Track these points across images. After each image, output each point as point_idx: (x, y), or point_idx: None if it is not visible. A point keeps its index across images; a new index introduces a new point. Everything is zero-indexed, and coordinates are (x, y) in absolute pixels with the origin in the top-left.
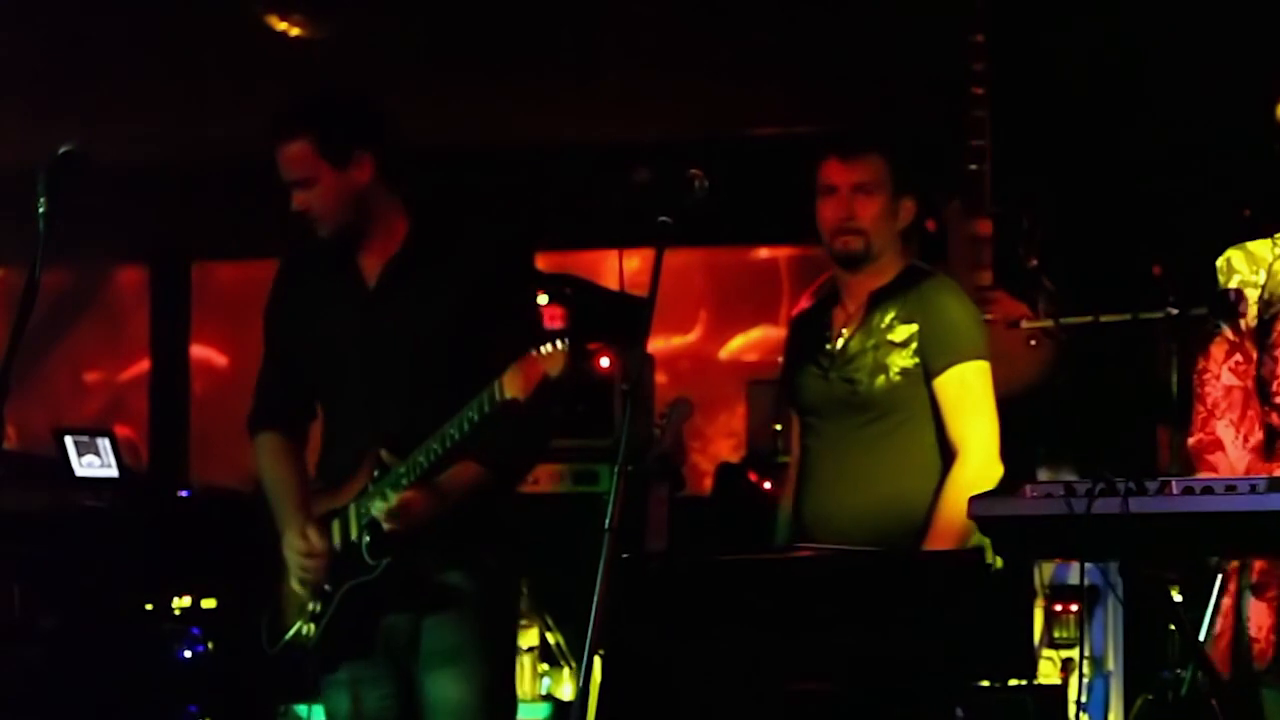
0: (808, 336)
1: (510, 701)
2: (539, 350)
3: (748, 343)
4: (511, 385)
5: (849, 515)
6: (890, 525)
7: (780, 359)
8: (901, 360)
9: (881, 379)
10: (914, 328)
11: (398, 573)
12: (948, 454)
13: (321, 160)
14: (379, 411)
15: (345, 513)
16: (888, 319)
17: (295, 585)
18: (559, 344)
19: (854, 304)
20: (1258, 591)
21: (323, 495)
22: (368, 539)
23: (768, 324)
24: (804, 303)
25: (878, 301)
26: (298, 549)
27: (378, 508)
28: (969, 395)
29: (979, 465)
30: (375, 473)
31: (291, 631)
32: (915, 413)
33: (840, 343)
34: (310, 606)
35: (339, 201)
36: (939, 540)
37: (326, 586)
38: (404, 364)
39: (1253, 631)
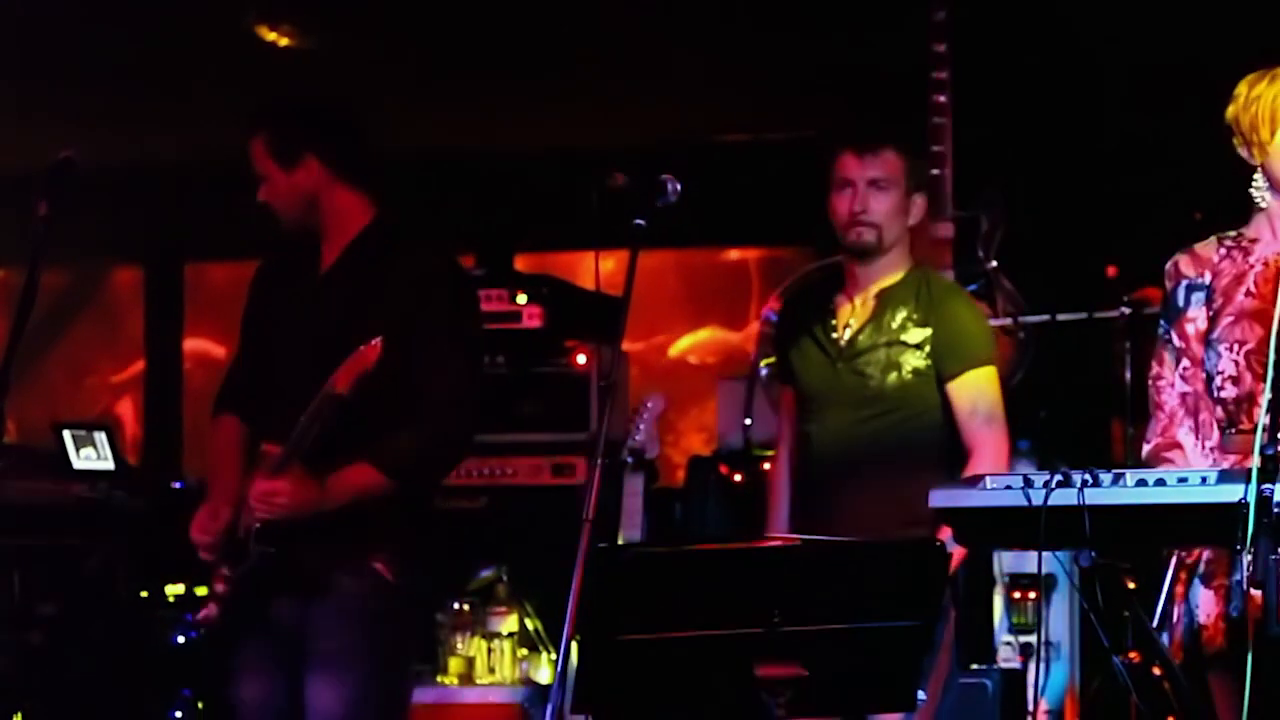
0: (808, 320)
1: (389, 711)
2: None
3: (719, 340)
4: (339, 382)
5: (852, 507)
6: (892, 521)
7: (752, 356)
8: (915, 360)
9: (894, 376)
10: (928, 331)
11: (281, 564)
12: (953, 456)
13: (271, 159)
14: (300, 399)
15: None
16: (899, 319)
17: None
18: (375, 341)
19: (861, 297)
20: (1206, 580)
21: (250, 474)
22: (258, 526)
23: (739, 323)
24: (772, 304)
25: (889, 299)
26: (203, 530)
27: (249, 491)
28: (982, 399)
29: (990, 467)
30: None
31: (200, 613)
32: (923, 411)
33: (848, 334)
34: (214, 587)
35: (288, 199)
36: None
37: (225, 569)
38: (336, 355)
39: (1201, 619)
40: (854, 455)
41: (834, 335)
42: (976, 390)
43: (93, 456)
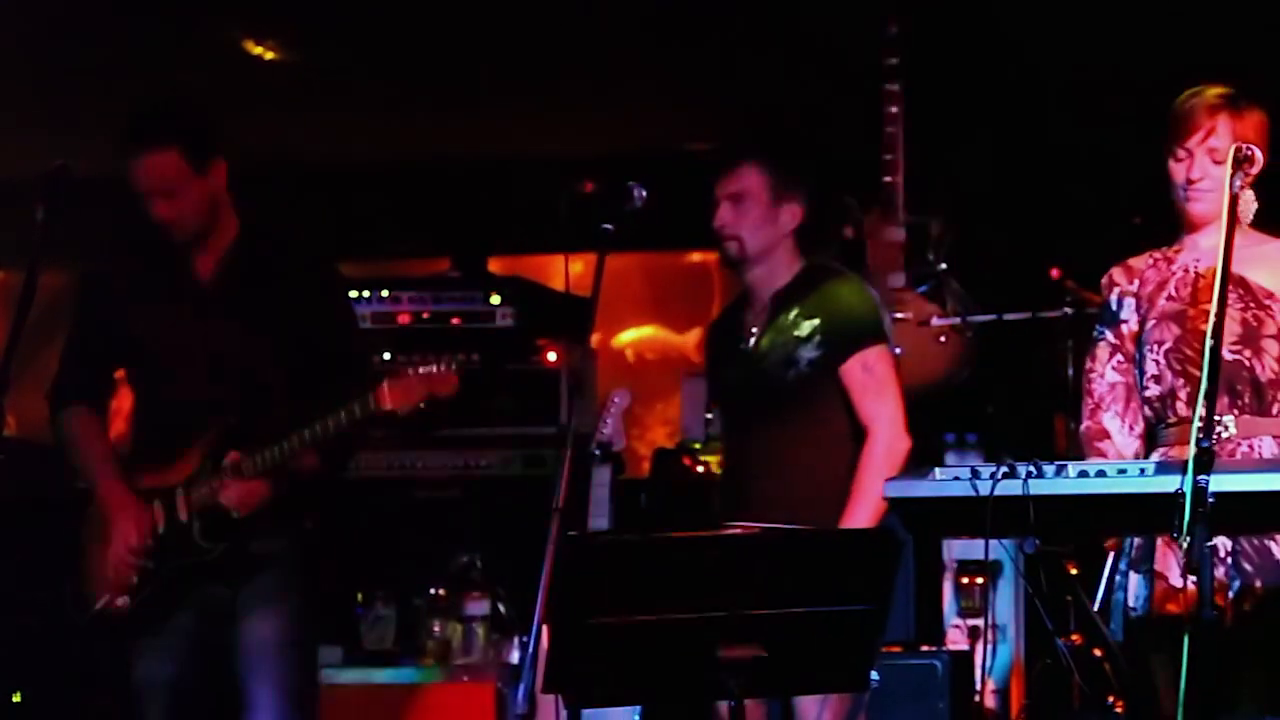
0: (725, 341)
1: (312, 643)
2: (419, 370)
3: (683, 338)
4: (391, 399)
5: (765, 496)
6: (803, 504)
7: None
8: (809, 352)
9: (792, 371)
10: (816, 321)
11: (230, 552)
12: (858, 436)
13: (188, 168)
14: (211, 401)
15: (172, 494)
16: (791, 316)
17: (115, 560)
18: (446, 366)
19: (759, 304)
20: (1137, 566)
21: (137, 473)
22: (199, 524)
23: (701, 322)
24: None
25: (780, 301)
26: (124, 528)
27: (226, 496)
28: (871, 377)
29: (889, 441)
30: (209, 463)
31: (102, 603)
32: (825, 401)
33: (752, 342)
34: (131, 581)
35: (199, 206)
36: (858, 513)
37: (150, 565)
38: (237, 359)
39: (1130, 602)
40: (764, 449)
41: (742, 347)
42: (865, 368)
43: None
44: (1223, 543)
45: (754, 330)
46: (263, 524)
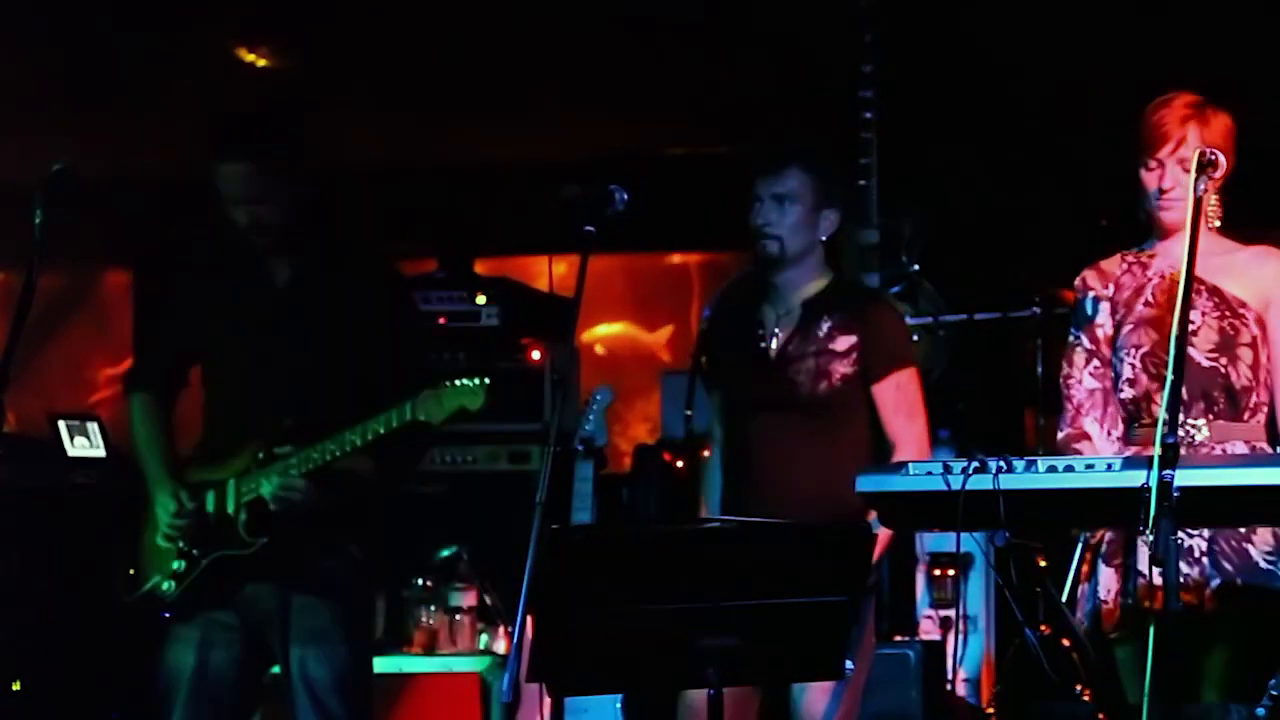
0: (736, 336)
1: (366, 678)
2: (455, 384)
3: (662, 338)
4: (425, 410)
5: (787, 501)
6: (824, 512)
7: (696, 353)
8: (843, 368)
9: (824, 384)
10: (854, 339)
11: (271, 551)
12: (879, 450)
13: (274, 179)
14: (274, 400)
15: (224, 486)
16: (825, 328)
17: (161, 542)
18: (478, 381)
19: (784, 306)
20: (1107, 559)
21: (200, 464)
22: (244, 516)
23: (681, 321)
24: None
25: (812, 309)
26: (169, 510)
27: (266, 490)
28: (904, 397)
29: (918, 458)
30: (261, 456)
31: (150, 584)
32: (852, 413)
33: (775, 343)
34: (174, 565)
35: (287, 216)
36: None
37: (194, 550)
38: (306, 361)
39: (1102, 594)
40: (786, 455)
41: (762, 345)
42: (899, 390)
43: (85, 445)
44: (1196, 544)
45: (777, 332)
46: (306, 534)
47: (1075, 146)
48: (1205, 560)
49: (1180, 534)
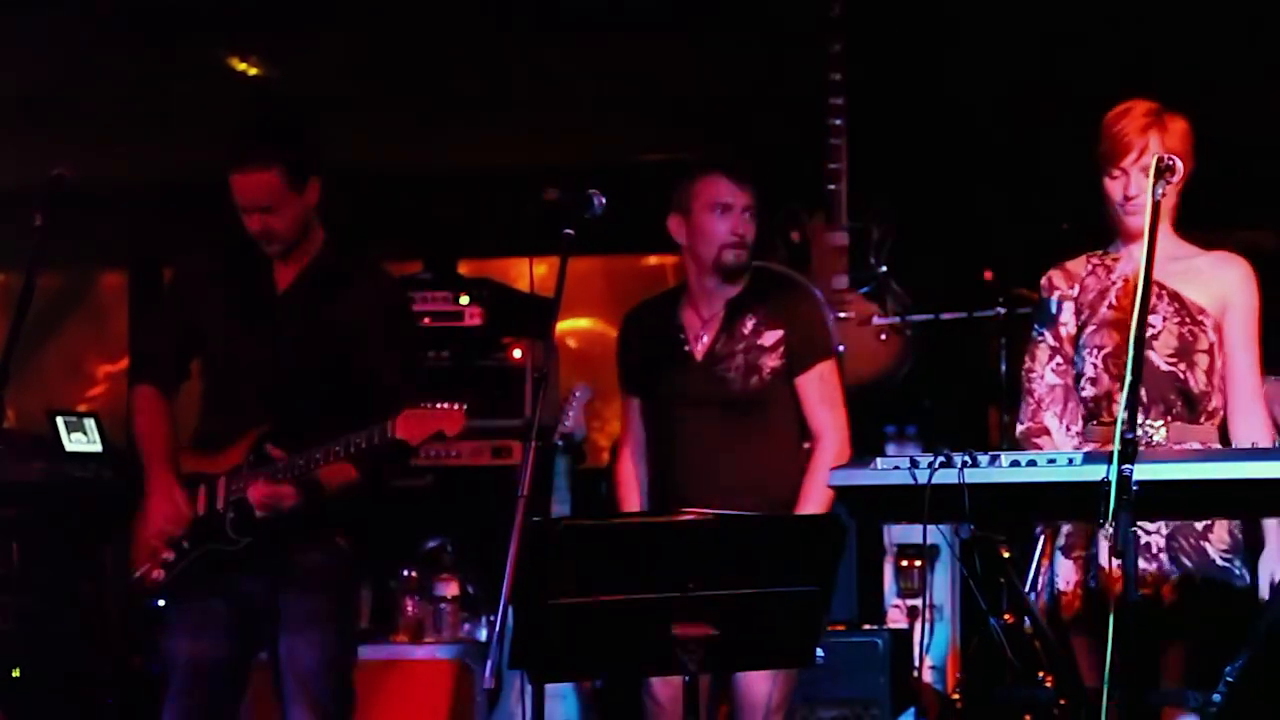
0: (658, 341)
1: (351, 664)
2: (436, 405)
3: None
4: (404, 430)
5: (720, 493)
6: (756, 502)
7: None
8: (771, 362)
9: (755, 379)
10: (780, 332)
11: (259, 545)
12: (801, 439)
13: (287, 188)
14: (268, 401)
15: (214, 482)
16: (750, 324)
17: (152, 533)
18: (456, 406)
19: (709, 309)
20: (1066, 551)
21: (193, 457)
22: (233, 515)
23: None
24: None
25: (735, 307)
26: (163, 507)
27: (251, 494)
28: (826, 388)
29: (839, 446)
30: (252, 457)
31: (140, 572)
32: (780, 405)
33: (701, 345)
34: (164, 555)
35: (293, 224)
36: (809, 508)
37: (184, 543)
38: (299, 365)
39: (1061, 585)
40: (719, 450)
41: (686, 348)
42: (822, 381)
43: (83, 440)
44: (1155, 540)
45: (702, 335)
46: (294, 531)
47: (1038, 153)
48: (1164, 556)
49: (1139, 530)
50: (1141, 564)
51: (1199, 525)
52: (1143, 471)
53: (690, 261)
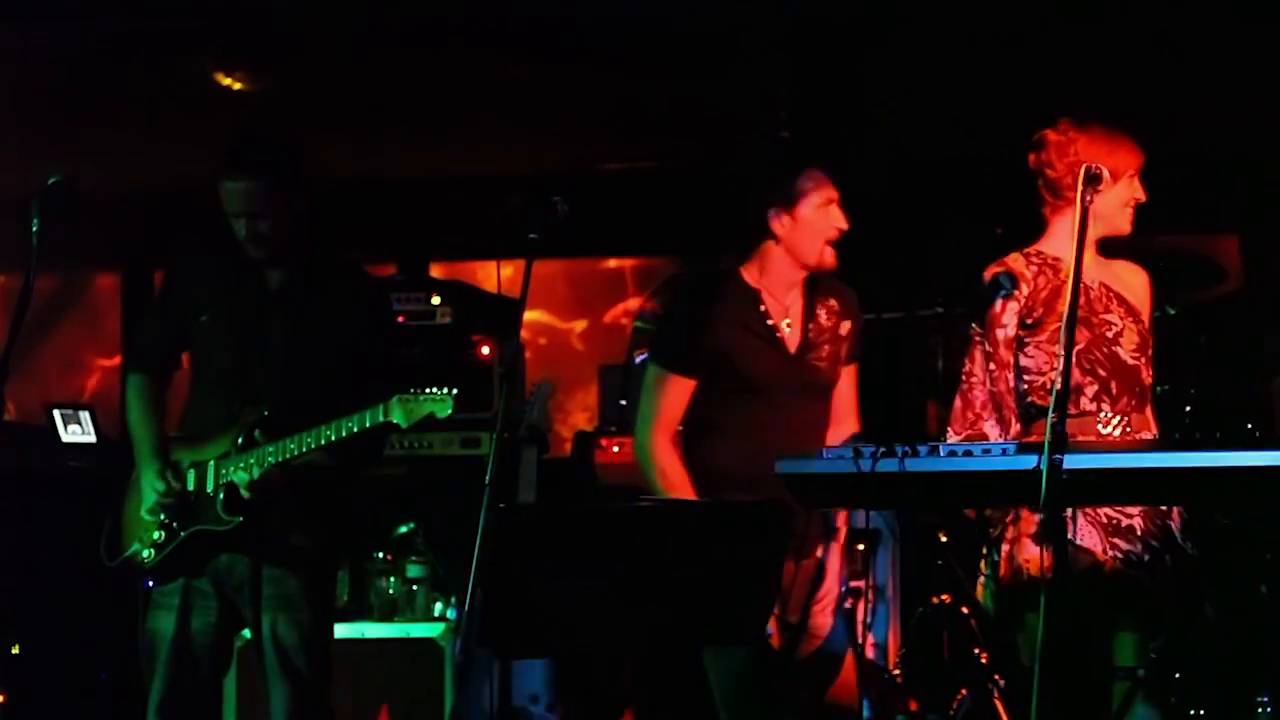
0: (737, 323)
1: (329, 641)
2: (428, 391)
3: (600, 334)
4: (396, 414)
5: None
6: None
7: (630, 348)
8: (843, 351)
9: (838, 367)
10: (849, 325)
11: (244, 527)
12: None
13: (275, 196)
14: (257, 394)
15: (204, 467)
16: (827, 315)
17: (145, 514)
18: (448, 391)
19: (789, 299)
20: (1003, 536)
21: (183, 444)
22: (223, 497)
23: (615, 319)
24: (646, 304)
25: (810, 296)
26: (157, 488)
27: (240, 478)
28: (856, 376)
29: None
30: (240, 441)
31: (130, 551)
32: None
33: (790, 329)
34: (155, 535)
35: (284, 230)
36: None
37: (174, 524)
38: (289, 358)
39: (1001, 568)
40: (810, 437)
41: (778, 335)
42: (856, 372)
43: (78, 432)
44: (1137, 523)
45: (789, 320)
46: (280, 513)
47: (973, 159)
48: (1089, 537)
49: (1120, 514)
50: (1125, 545)
51: (1162, 507)
52: (1073, 461)
53: (783, 252)
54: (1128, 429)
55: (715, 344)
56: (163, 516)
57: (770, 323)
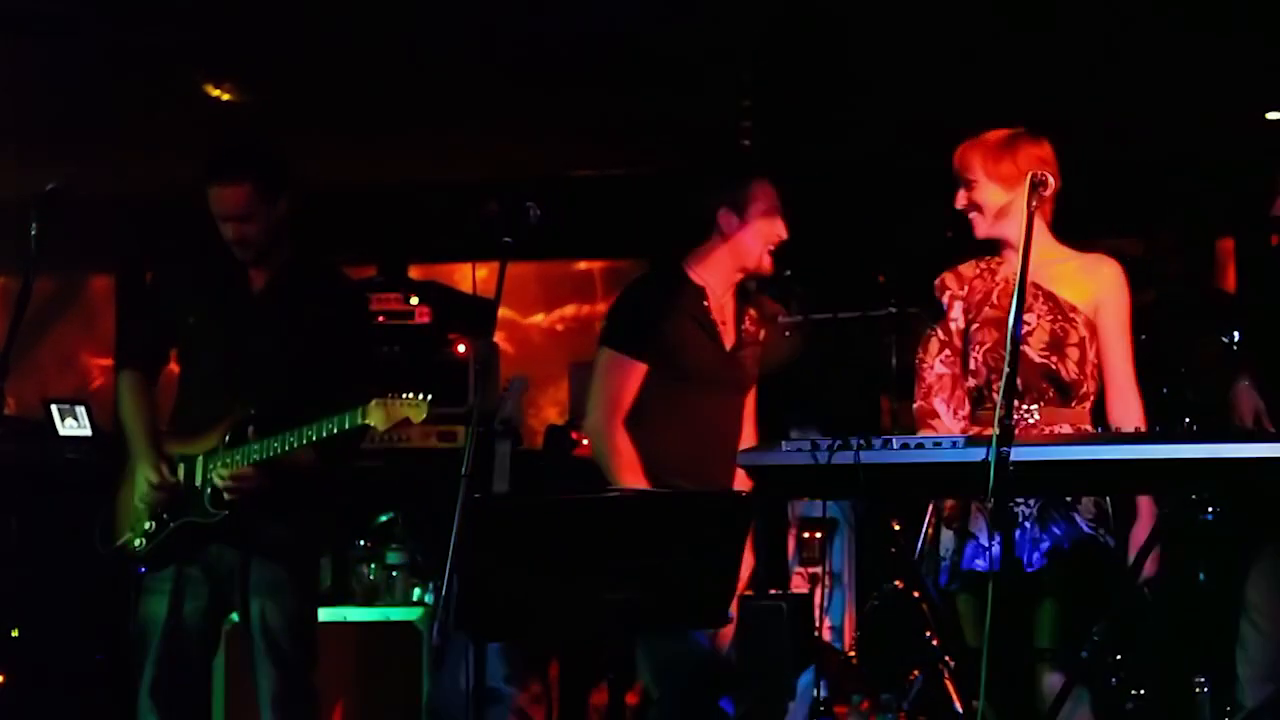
0: (682, 316)
1: (313, 624)
2: (404, 396)
3: (570, 332)
4: (374, 417)
5: (722, 465)
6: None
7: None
8: (759, 358)
9: (756, 371)
10: (765, 333)
11: (232, 519)
12: None
13: (259, 201)
14: (243, 392)
15: (193, 462)
16: (753, 323)
17: (138, 503)
18: (424, 396)
19: (726, 301)
20: (949, 523)
21: (175, 438)
22: (209, 491)
23: (585, 319)
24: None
25: (741, 303)
26: (150, 480)
27: (220, 476)
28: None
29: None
30: (228, 438)
31: (123, 539)
32: None
33: (725, 330)
34: (146, 525)
35: (265, 233)
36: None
37: (165, 515)
38: (272, 357)
39: (942, 553)
40: (738, 430)
41: (718, 332)
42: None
43: (74, 425)
44: (1023, 510)
45: (724, 321)
46: (264, 506)
47: (925, 167)
48: (1030, 525)
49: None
50: (1014, 534)
51: (1067, 498)
52: (1019, 453)
53: (728, 253)
54: (1029, 422)
55: (664, 333)
56: (154, 507)
57: (713, 318)
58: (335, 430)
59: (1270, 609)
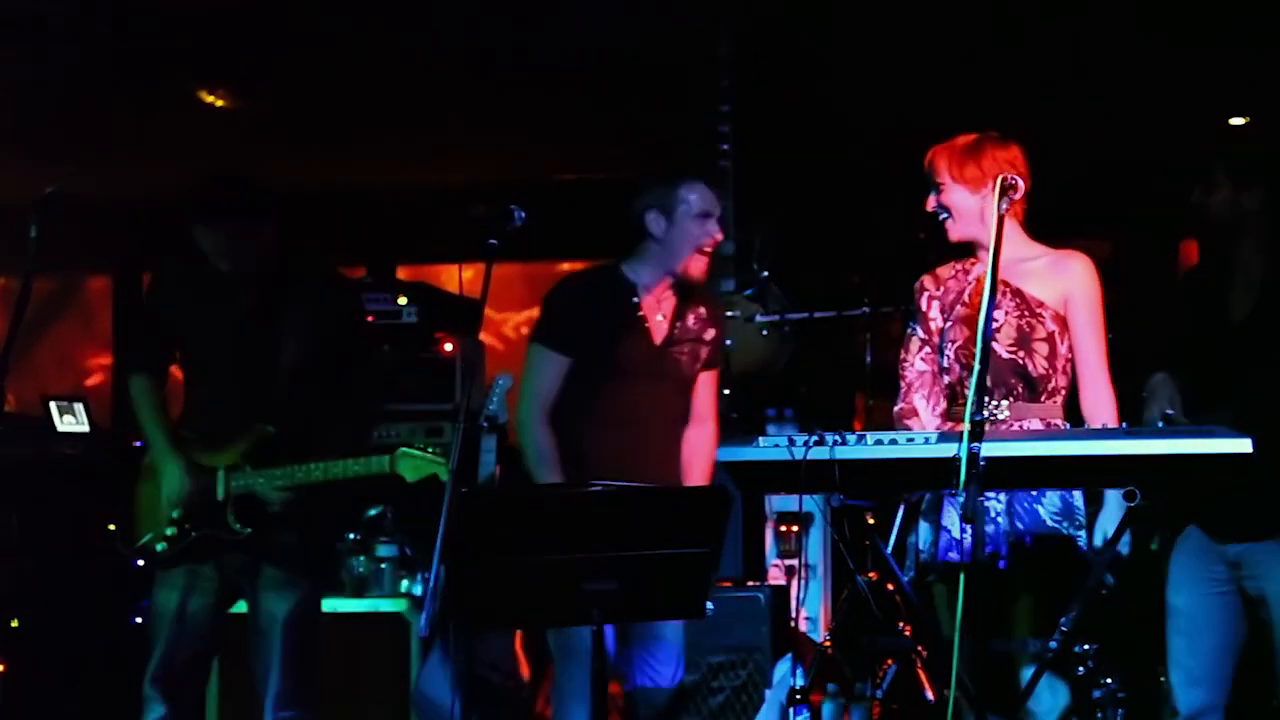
0: (608, 309)
1: (318, 619)
2: (433, 453)
3: (501, 316)
4: (405, 468)
5: (659, 460)
6: (674, 470)
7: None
8: (704, 354)
9: (697, 366)
10: (714, 333)
11: (255, 536)
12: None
13: (248, 234)
14: (249, 400)
15: (214, 473)
16: (693, 320)
17: (164, 505)
18: (445, 457)
19: (663, 298)
20: (924, 516)
21: (193, 444)
22: (234, 507)
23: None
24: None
25: (684, 303)
26: (183, 484)
27: (272, 496)
28: (717, 382)
29: (717, 431)
30: (251, 455)
31: (145, 540)
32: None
33: (660, 327)
34: (169, 531)
35: (255, 260)
36: (698, 480)
37: (187, 524)
38: (264, 369)
39: (919, 545)
40: (664, 422)
41: (644, 324)
42: (717, 378)
43: (73, 422)
44: (992, 506)
45: (660, 318)
46: (279, 516)
47: (899, 174)
48: (1000, 520)
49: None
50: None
51: (1033, 491)
52: (989, 449)
53: (659, 254)
54: (999, 417)
55: (589, 328)
56: (177, 513)
57: (640, 314)
58: (362, 472)
59: (1192, 610)
